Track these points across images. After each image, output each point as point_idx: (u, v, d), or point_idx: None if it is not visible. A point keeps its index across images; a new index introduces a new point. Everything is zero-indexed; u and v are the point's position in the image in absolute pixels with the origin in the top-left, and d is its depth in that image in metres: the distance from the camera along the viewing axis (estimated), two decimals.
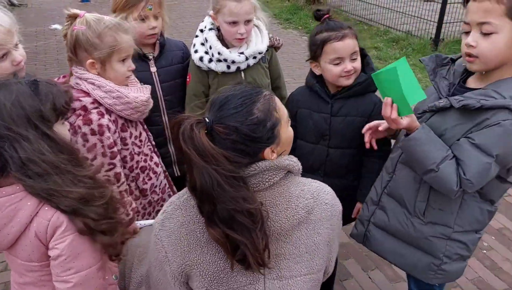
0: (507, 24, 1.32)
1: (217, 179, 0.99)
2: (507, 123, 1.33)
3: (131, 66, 1.77)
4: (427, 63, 1.59)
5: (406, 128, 1.49)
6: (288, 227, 1.13)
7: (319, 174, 1.99)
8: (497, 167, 1.40)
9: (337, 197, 1.23)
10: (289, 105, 1.96)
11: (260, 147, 1.09)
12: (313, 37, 1.82)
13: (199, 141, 1.00)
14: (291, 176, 1.17)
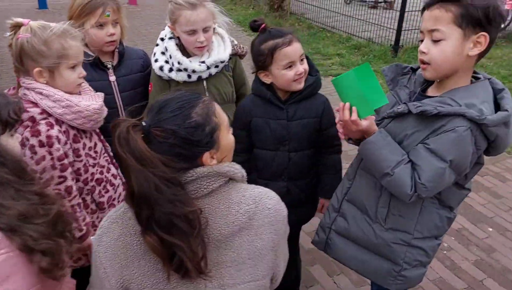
0: (455, 32, 1.35)
1: (155, 181, 0.97)
2: (461, 129, 1.36)
3: (82, 73, 1.70)
4: (386, 73, 1.62)
5: (365, 130, 1.49)
6: (228, 234, 1.11)
7: (283, 179, 2.00)
8: (452, 173, 1.42)
9: (282, 202, 1.21)
10: (241, 115, 1.95)
11: (198, 151, 1.08)
12: (258, 48, 1.81)
13: (134, 144, 0.98)
14: (233, 183, 1.16)
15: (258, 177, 2.01)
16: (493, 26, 1.34)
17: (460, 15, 1.33)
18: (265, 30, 1.82)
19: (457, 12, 1.33)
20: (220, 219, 1.10)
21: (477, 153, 1.43)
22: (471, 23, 1.33)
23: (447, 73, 1.44)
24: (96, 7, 1.95)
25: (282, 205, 1.21)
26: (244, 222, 1.12)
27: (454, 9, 1.33)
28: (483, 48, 1.36)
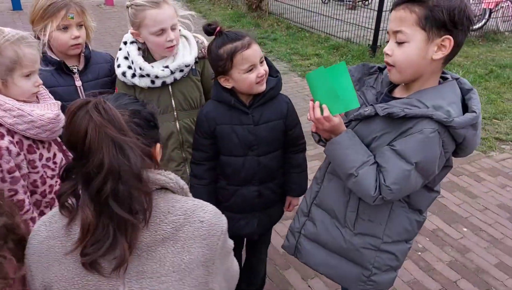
0: (418, 34, 1.32)
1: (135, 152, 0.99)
2: (428, 132, 1.32)
3: (38, 82, 1.62)
4: (353, 73, 1.58)
5: (336, 128, 1.46)
6: (151, 243, 1.07)
7: (254, 184, 1.96)
8: (419, 176, 1.39)
9: (221, 217, 1.16)
10: (204, 123, 1.87)
11: (153, 137, 1.12)
12: (216, 52, 1.74)
13: (114, 113, 0.98)
14: (165, 192, 1.13)
15: (228, 184, 1.96)
16: (459, 29, 1.31)
17: (424, 17, 1.29)
18: (221, 33, 1.75)
19: (421, 14, 1.30)
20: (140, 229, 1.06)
21: (445, 156, 1.40)
22: (435, 25, 1.30)
23: (412, 76, 1.41)
24: (59, 9, 1.87)
25: (220, 219, 1.15)
26: (168, 233, 1.08)
27: (419, 10, 1.30)
28: (448, 52, 1.33)
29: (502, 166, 3.99)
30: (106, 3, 9.62)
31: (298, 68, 6.33)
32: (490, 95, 5.41)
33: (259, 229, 2.08)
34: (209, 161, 1.93)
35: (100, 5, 9.59)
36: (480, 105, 1.40)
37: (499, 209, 3.37)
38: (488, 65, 6.49)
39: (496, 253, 2.91)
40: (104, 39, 7.12)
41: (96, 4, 9.59)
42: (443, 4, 1.27)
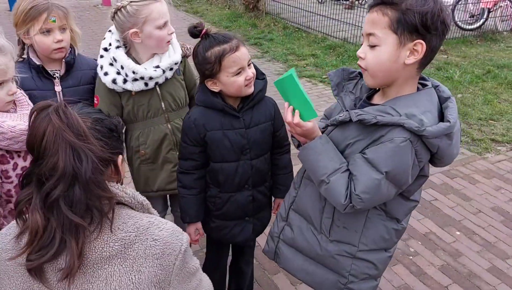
0: (390, 37, 1.28)
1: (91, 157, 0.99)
2: (399, 140, 1.28)
3: (11, 90, 1.56)
4: (332, 78, 1.54)
5: (309, 133, 1.43)
6: (97, 260, 1.03)
7: (248, 189, 1.92)
8: (391, 186, 1.35)
9: (180, 235, 1.11)
10: (192, 131, 1.79)
11: (116, 149, 1.11)
12: (203, 55, 1.68)
13: (74, 117, 0.99)
14: (119, 207, 1.09)
15: (220, 192, 1.90)
16: (433, 34, 1.26)
17: (396, 20, 1.25)
18: (207, 35, 1.70)
19: (393, 17, 1.25)
20: (89, 242, 1.03)
21: (419, 165, 1.36)
22: (407, 29, 1.25)
23: (384, 80, 1.37)
24: (40, 13, 1.83)
25: (178, 238, 1.11)
26: (116, 250, 1.03)
27: (391, 13, 1.25)
28: (420, 57, 1.29)
29: (498, 168, 3.95)
30: (103, 4, 9.60)
31: (295, 69, 6.28)
32: (487, 95, 5.36)
33: (254, 234, 2.05)
34: (199, 169, 1.88)
35: (97, 6, 9.57)
36: (457, 114, 1.36)
37: (493, 212, 3.32)
38: (485, 65, 6.44)
39: (489, 257, 2.86)
40: (100, 39, 7.08)
41: (94, 4, 9.56)
42: (416, 7, 1.23)
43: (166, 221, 1.13)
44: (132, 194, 1.11)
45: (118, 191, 1.08)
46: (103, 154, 1.02)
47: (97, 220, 1.00)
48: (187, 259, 1.13)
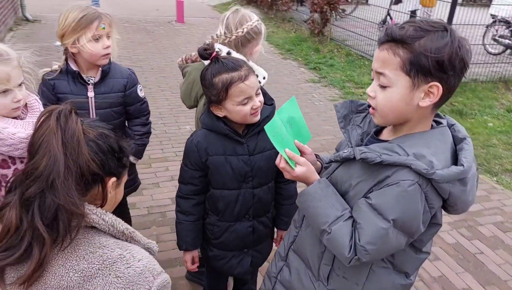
0: (402, 79, 1.15)
1: (71, 167, 0.96)
2: (406, 184, 1.14)
3: (16, 98, 1.59)
4: (339, 109, 1.43)
5: (302, 178, 1.33)
6: (54, 288, 0.96)
7: (248, 219, 1.84)
8: (400, 235, 1.20)
9: (152, 275, 1.01)
10: (194, 154, 1.74)
11: (110, 170, 1.06)
12: (210, 81, 1.63)
13: (73, 124, 0.98)
14: (93, 232, 1.03)
15: (219, 220, 1.84)
16: (450, 75, 1.13)
17: (408, 61, 1.13)
18: (217, 60, 1.65)
19: (405, 58, 1.13)
20: (52, 267, 0.97)
21: (430, 212, 1.20)
22: (421, 72, 1.13)
23: (395, 120, 1.25)
24: (92, 20, 1.95)
25: (147, 280, 1.00)
26: (74, 282, 0.96)
27: (403, 53, 1.13)
28: (436, 99, 1.15)
29: None
30: (177, 20, 10.06)
31: (350, 96, 6.11)
32: None
33: (252, 267, 1.95)
34: (198, 195, 1.82)
35: (171, 22, 10.04)
36: (472, 157, 1.20)
37: None
38: None
39: None
40: (167, 53, 7.40)
41: (168, 21, 10.05)
42: (431, 49, 1.10)
43: (143, 256, 1.03)
44: (111, 222, 1.04)
45: (95, 217, 1.01)
46: (89, 168, 0.99)
47: (60, 236, 0.95)
48: None
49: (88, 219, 1.00)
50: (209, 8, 12.68)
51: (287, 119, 1.37)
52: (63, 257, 0.98)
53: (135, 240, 1.09)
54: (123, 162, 1.11)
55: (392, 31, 1.14)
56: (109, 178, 1.06)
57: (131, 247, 1.04)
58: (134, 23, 9.33)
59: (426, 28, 1.12)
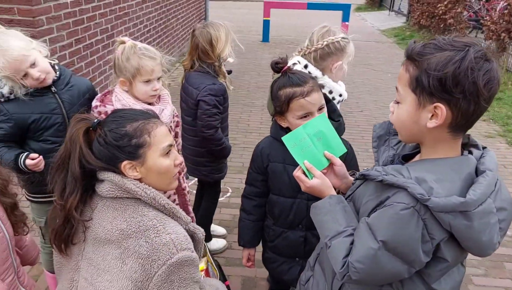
0: (409, 96, 1.12)
1: (75, 153, 1.22)
2: (399, 207, 1.09)
3: (155, 87, 2.06)
4: (375, 129, 1.42)
5: (317, 190, 1.38)
6: (102, 239, 1.20)
7: (300, 229, 1.89)
8: (394, 259, 1.13)
9: (179, 252, 1.16)
10: (258, 159, 1.88)
11: (118, 155, 1.24)
12: (276, 92, 1.72)
13: (75, 130, 1.25)
14: (138, 202, 1.23)
15: (274, 224, 1.94)
16: (459, 97, 1.04)
17: (415, 78, 1.09)
18: (286, 74, 1.74)
19: (413, 75, 1.10)
20: (102, 222, 1.23)
21: (432, 243, 1.11)
22: (425, 90, 1.08)
23: (409, 140, 1.22)
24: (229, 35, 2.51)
25: (170, 251, 1.16)
26: (115, 237, 1.19)
27: (412, 70, 1.10)
28: (441, 122, 1.08)
29: None
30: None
31: (510, 135, 5.35)
32: None
33: None
34: (260, 197, 1.94)
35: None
36: (488, 193, 1.07)
37: None
38: None
39: None
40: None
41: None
42: (434, 70, 1.04)
43: (174, 231, 1.20)
44: (153, 196, 1.23)
45: (138, 190, 1.22)
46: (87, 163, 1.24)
47: None
48: (175, 278, 1.16)
49: (133, 192, 1.22)
50: (377, 33, 12.55)
51: (315, 133, 1.43)
52: (113, 216, 1.23)
53: (177, 216, 1.28)
54: (137, 148, 1.25)
55: (408, 48, 1.12)
56: (120, 163, 1.24)
57: (167, 222, 1.23)
58: None
59: (443, 46, 1.06)
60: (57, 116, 2.09)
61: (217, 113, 2.49)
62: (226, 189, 3.84)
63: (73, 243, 1.27)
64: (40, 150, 2.07)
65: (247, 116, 5.68)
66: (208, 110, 2.45)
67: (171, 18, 7.55)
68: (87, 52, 4.47)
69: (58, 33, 3.79)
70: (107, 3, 4.85)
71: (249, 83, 7.10)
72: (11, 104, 2.02)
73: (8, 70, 1.89)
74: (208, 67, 2.49)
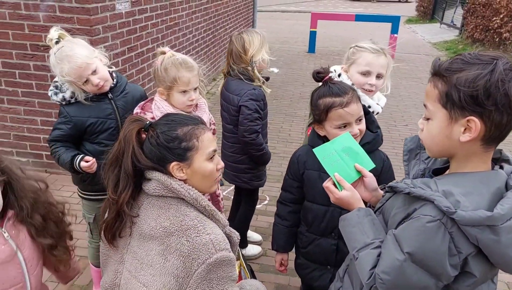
0: (440, 112, 1.13)
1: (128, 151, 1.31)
2: (425, 219, 1.10)
3: (191, 97, 2.15)
4: (407, 143, 1.43)
5: (345, 202, 1.41)
6: (147, 235, 1.28)
7: (333, 237, 1.92)
8: (420, 272, 1.14)
9: (217, 252, 1.22)
10: (294, 165, 1.92)
11: (168, 156, 1.32)
12: (315, 101, 1.77)
13: (128, 130, 1.33)
14: (181, 202, 1.31)
15: (307, 231, 1.97)
16: (492, 110, 1.05)
17: (445, 94, 1.11)
18: (326, 83, 1.78)
19: (442, 91, 1.11)
20: (148, 219, 1.31)
21: (459, 257, 1.11)
22: (456, 105, 1.09)
23: (440, 155, 1.23)
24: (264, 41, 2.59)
25: (209, 251, 1.22)
26: (158, 234, 1.27)
27: (441, 86, 1.12)
28: (475, 135, 1.08)
29: None
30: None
31: None
32: None
33: None
34: (294, 203, 1.98)
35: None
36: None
37: None
38: None
39: None
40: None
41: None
42: (463, 82, 1.05)
43: (213, 232, 1.26)
44: (195, 197, 1.31)
45: (182, 190, 1.30)
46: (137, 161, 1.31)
47: None
48: (214, 276, 1.22)
49: (177, 192, 1.30)
50: (428, 46, 12.25)
51: (342, 149, 1.48)
52: (157, 213, 1.30)
53: (216, 218, 1.35)
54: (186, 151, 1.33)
55: (434, 64, 1.14)
56: (169, 163, 1.32)
57: (207, 223, 1.30)
58: None
59: (470, 60, 1.08)
60: (111, 121, 2.24)
61: (258, 118, 2.56)
62: (264, 197, 3.90)
63: (120, 236, 1.35)
64: (94, 151, 2.22)
65: (288, 125, 5.73)
66: (249, 114, 2.53)
67: (219, 28, 7.75)
68: (138, 60, 4.70)
69: (112, 41, 4.03)
70: (159, 13, 5.08)
71: (293, 93, 7.15)
72: (71, 107, 2.19)
73: (72, 75, 2.06)
74: (243, 71, 2.59)
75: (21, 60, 3.84)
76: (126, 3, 4.23)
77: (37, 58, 3.80)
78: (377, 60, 2.11)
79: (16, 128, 4.12)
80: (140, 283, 1.29)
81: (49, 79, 3.78)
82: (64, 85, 2.18)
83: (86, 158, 2.12)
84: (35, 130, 4.10)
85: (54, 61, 2.06)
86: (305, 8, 20.83)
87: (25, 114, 4.05)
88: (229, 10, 8.29)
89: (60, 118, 2.21)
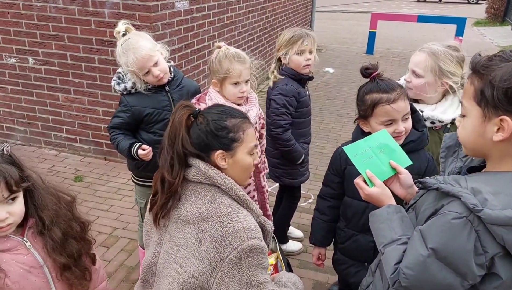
0: (474, 109, 1.12)
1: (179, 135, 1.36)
2: (451, 215, 1.09)
3: (242, 89, 2.21)
4: (445, 139, 1.41)
5: (375, 198, 1.42)
6: (183, 219, 1.35)
7: (371, 234, 1.90)
8: (445, 269, 1.12)
9: (249, 241, 1.25)
10: (336, 161, 1.93)
11: (215, 144, 1.37)
12: (362, 96, 1.77)
13: (180, 115, 1.38)
14: (217, 190, 1.36)
15: (346, 226, 1.98)
16: None
17: (479, 91, 1.09)
18: (374, 79, 1.77)
19: (478, 88, 1.09)
20: (185, 203, 1.38)
21: (485, 257, 1.08)
22: (491, 102, 1.07)
23: (473, 153, 1.21)
24: (297, 39, 2.58)
25: (241, 238, 1.25)
26: (194, 219, 1.33)
27: (477, 83, 1.10)
28: (507, 135, 1.06)
29: None
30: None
31: None
32: None
33: None
34: (334, 199, 2.00)
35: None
36: None
37: None
38: None
39: None
40: None
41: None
42: (499, 79, 1.03)
43: (246, 220, 1.30)
44: (230, 185, 1.35)
45: (218, 178, 1.34)
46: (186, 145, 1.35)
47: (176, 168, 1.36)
48: (245, 262, 1.26)
49: (214, 179, 1.36)
50: (497, 49, 11.56)
51: (377, 146, 1.48)
52: (194, 199, 1.37)
53: (250, 208, 1.39)
54: (231, 142, 1.38)
55: (473, 61, 1.12)
56: (214, 151, 1.37)
57: (241, 211, 1.35)
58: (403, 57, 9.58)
59: (508, 57, 1.06)
60: (167, 112, 2.36)
61: (285, 113, 2.57)
62: (309, 196, 3.91)
63: (163, 217, 1.42)
64: (149, 140, 2.36)
65: (339, 126, 5.68)
66: (276, 108, 2.57)
67: (275, 27, 7.82)
68: (194, 57, 4.87)
69: (170, 38, 4.22)
70: (216, 12, 5.23)
71: (347, 94, 7.07)
72: (131, 97, 2.35)
73: (136, 66, 2.21)
74: (279, 67, 2.67)
75: (87, 54, 4.12)
76: (185, 1, 4.41)
77: (101, 52, 4.07)
78: None
79: (80, 116, 4.43)
80: (176, 264, 1.36)
81: (111, 72, 4.03)
82: (126, 76, 2.33)
83: (143, 147, 2.25)
84: (97, 120, 4.38)
85: (120, 52, 2.22)
86: (367, 8, 20.39)
87: (88, 104, 4.35)
88: (286, 9, 8.33)
89: (120, 106, 2.36)
